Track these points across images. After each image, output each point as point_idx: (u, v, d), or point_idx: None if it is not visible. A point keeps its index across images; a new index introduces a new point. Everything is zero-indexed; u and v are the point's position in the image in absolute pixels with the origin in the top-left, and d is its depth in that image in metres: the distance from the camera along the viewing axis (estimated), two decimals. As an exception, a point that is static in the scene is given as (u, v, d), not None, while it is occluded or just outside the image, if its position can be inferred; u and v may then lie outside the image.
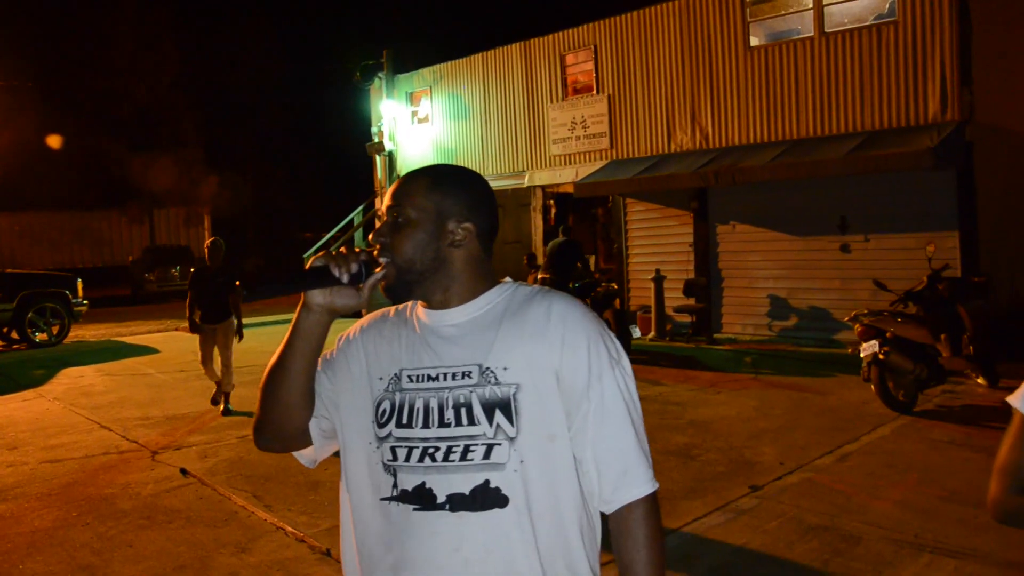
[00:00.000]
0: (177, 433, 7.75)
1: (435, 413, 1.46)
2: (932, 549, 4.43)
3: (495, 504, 1.43)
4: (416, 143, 18.08)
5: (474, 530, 1.42)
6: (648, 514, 1.48)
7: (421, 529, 1.44)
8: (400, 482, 1.47)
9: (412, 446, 1.46)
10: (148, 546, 4.95)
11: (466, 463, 1.43)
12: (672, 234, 13.19)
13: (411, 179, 1.57)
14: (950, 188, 10.34)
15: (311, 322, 1.52)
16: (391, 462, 1.48)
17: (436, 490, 1.44)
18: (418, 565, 1.44)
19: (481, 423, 1.44)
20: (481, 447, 1.43)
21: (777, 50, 11.92)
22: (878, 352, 7.39)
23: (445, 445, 1.45)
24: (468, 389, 1.46)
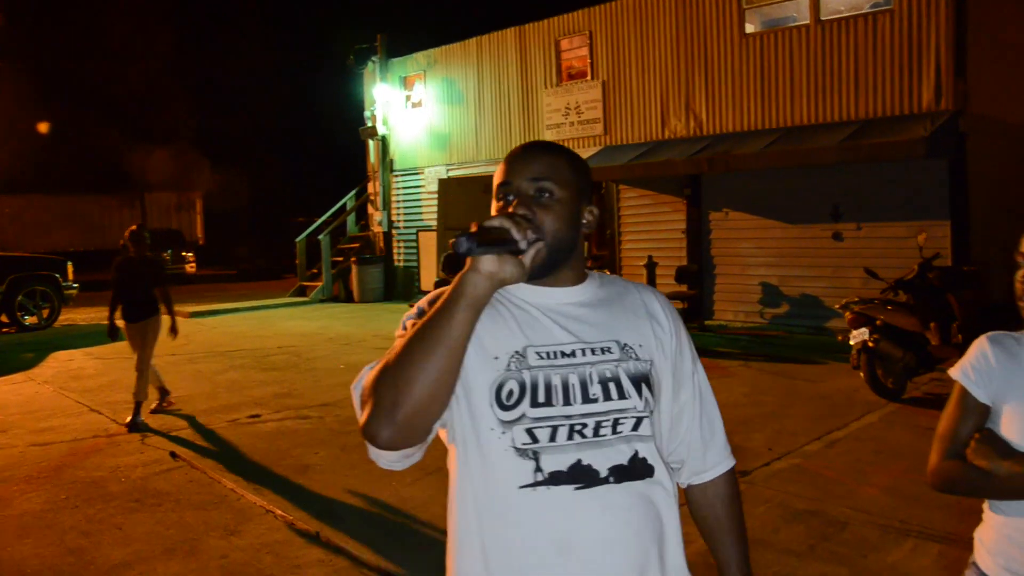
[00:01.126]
0: (167, 416, 7.73)
1: (576, 389, 1.44)
2: (917, 534, 4.46)
3: (646, 474, 1.47)
4: (410, 128, 18.01)
5: (637, 500, 1.45)
6: (736, 481, 1.71)
7: (590, 506, 1.40)
8: (546, 464, 1.40)
9: (557, 424, 1.42)
10: (137, 528, 4.95)
11: (617, 435, 1.45)
12: (665, 221, 13.19)
13: (549, 153, 1.56)
14: (943, 178, 10.35)
15: (483, 289, 1.31)
16: (528, 445, 1.41)
17: (596, 465, 1.42)
18: (590, 543, 1.40)
19: (631, 396, 1.47)
20: (631, 419, 1.46)
21: (772, 37, 11.89)
22: (868, 340, 7.42)
23: (593, 420, 1.43)
24: (613, 364, 1.48)
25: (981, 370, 1.82)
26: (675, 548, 1.52)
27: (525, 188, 1.51)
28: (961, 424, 1.82)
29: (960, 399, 1.84)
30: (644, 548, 1.45)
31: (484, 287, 1.31)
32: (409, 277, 18.10)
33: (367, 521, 4.94)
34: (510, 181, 1.52)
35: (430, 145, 17.53)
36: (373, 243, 18.90)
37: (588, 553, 1.40)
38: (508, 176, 1.53)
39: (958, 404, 1.84)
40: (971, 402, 1.82)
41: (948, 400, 1.87)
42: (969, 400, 1.83)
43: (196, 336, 13.26)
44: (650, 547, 1.46)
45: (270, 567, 4.35)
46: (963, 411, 1.83)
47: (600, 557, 1.41)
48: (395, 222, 18.58)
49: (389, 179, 18.58)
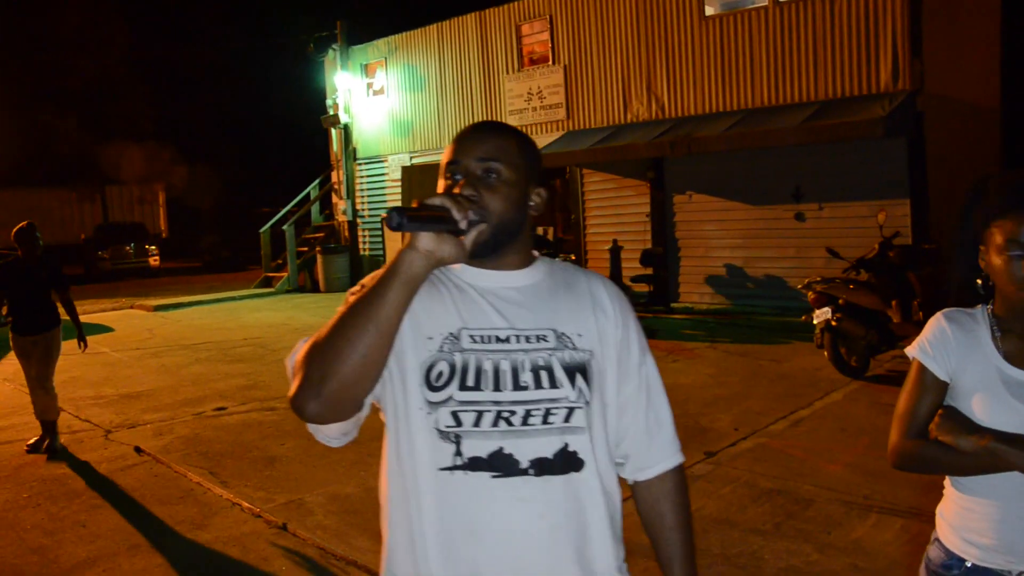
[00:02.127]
0: (131, 411, 7.64)
1: (507, 376, 1.42)
2: (879, 509, 4.53)
3: (572, 468, 1.44)
4: (372, 115, 17.87)
5: (558, 495, 1.42)
6: (684, 477, 1.65)
7: (504, 496, 1.39)
8: (466, 449, 1.39)
9: (482, 410, 1.40)
10: (101, 525, 4.89)
11: (548, 426, 1.42)
12: (629, 204, 13.23)
13: (499, 134, 1.54)
14: (901, 157, 10.48)
15: (418, 268, 1.30)
16: (451, 428, 1.39)
17: (517, 455, 1.40)
18: (502, 533, 1.39)
19: (564, 386, 1.44)
20: (563, 410, 1.44)
21: (732, 19, 11.94)
22: (830, 319, 7.51)
23: (523, 408, 1.41)
24: (547, 352, 1.46)
25: (938, 346, 1.83)
26: (601, 547, 1.47)
27: (473, 168, 1.49)
28: (920, 402, 1.83)
29: (918, 376, 1.84)
30: (559, 544, 1.42)
31: (420, 265, 1.30)
32: (375, 265, 18.00)
33: (335, 512, 4.92)
34: (458, 160, 1.50)
35: (393, 133, 17.42)
36: (338, 232, 18.77)
37: (497, 542, 1.39)
38: (456, 155, 1.51)
39: (916, 382, 1.85)
40: (929, 379, 1.83)
41: (906, 378, 1.88)
42: (927, 377, 1.83)
43: (160, 330, 13.10)
44: (567, 543, 1.43)
45: (237, 560, 4.32)
46: (922, 388, 1.83)
47: (509, 548, 1.39)
48: (359, 211, 18.46)
49: (352, 168, 18.44)
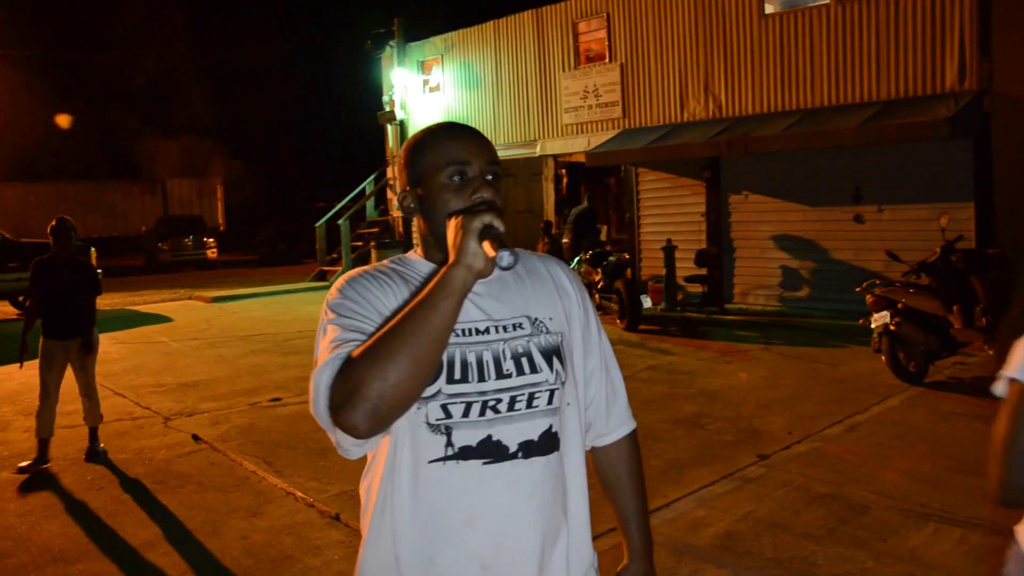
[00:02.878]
0: (189, 400, 7.81)
1: (490, 365, 1.46)
2: (938, 518, 4.44)
3: (554, 448, 1.51)
4: (428, 112, 17.99)
5: (543, 475, 1.49)
6: (637, 442, 1.77)
7: (496, 481, 1.44)
8: (456, 439, 1.43)
9: (470, 401, 1.44)
10: (161, 510, 5.01)
11: (532, 410, 1.48)
12: (684, 204, 13.12)
13: (481, 136, 1.57)
14: (966, 159, 10.22)
15: (470, 283, 1.32)
16: (441, 420, 1.43)
17: (506, 440, 1.45)
18: (494, 517, 1.45)
19: (543, 370, 1.50)
20: (545, 393, 1.50)
21: (792, 17, 11.76)
22: (889, 323, 7.36)
23: (508, 396, 1.46)
24: (525, 339, 1.51)
25: None
26: (581, 517, 1.57)
27: (484, 171, 1.51)
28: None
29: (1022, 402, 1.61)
30: (549, 522, 1.49)
31: (470, 281, 1.32)
32: (428, 262, 18.12)
33: (387, 503, 4.96)
34: (468, 161, 1.50)
35: (448, 129, 17.49)
36: (392, 227, 18.94)
37: (493, 526, 1.44)
38: (466, 155, 1.51)
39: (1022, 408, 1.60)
40: None
41: (1004, 404, 1.66)
42: None
43: (217, 321, 13.37)
44: (553, 520, 1.50)
45: (291, 548, 4.40)
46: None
47: (504, 530, 1.45)
48: (414, 207, 18.57)
49: (408, 164, 18.56)
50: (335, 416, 1.30)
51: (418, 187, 1.54)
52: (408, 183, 1.57)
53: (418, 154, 1.55)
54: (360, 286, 1.48)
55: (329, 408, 1.31)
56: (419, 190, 1.54)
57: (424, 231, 1.57)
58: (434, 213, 1.51)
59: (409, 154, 1.58)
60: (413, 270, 1.57)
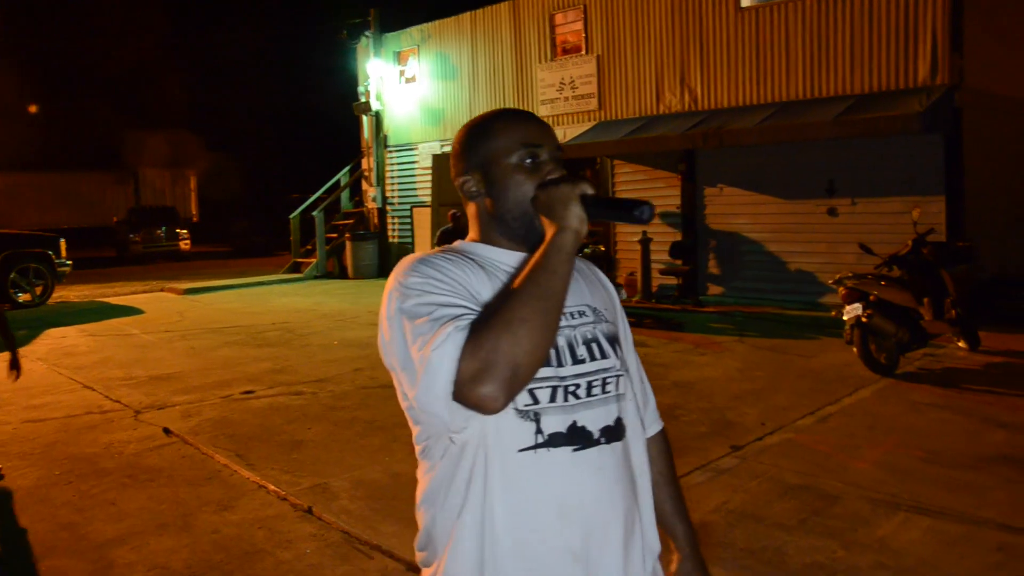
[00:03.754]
0: (160, 393, 7.73)
1: (566, 351, 1.46)
2: (908, 508, 4.48)
3: (623, 433, 1.52)
4: (403, 103, 17.90)
5: (621, 459, 1.50)
6: (668, 441, 1.80)
7: (586, 467, 1.43)
8: (546, 426, 1.41)
9: (554, 386, 1.42)
10: (130, 504, 4.95)
11: (606, 395, 1.49)
12: (659, 196, 13.13)
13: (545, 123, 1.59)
14: (937, 153, 10.31)
15: (576, 246, 1.37)
16: (530, 406, 1.40)
17: (589, 426, 1.45)
18: (585, 505, 1.43)
19: (611, 356, 1.52)
20: (614, 378, 1.51)
21: (768, 11, 11.80)
22: (861, 315, 7.42)
23: (584, 381, 1.46)
24: (591, 326, 1.52)
25: None
26: (648, 504, 1.58)
27: (554, 155, 1.54)
28: None
29: None
30: (629, 506, 1.49)
31: (577, 245, 1.37)
32: (403, 253, 17.98)
33: (360, 497, 4.95)
34: (542, 144, 1.52)
35: (424, 120, 17.44)
36: (367, 219, 18.84)
37: (585, 514, 1.42)
38: (538, 139, 1.52)
39: None
40: None
41: None
42: None
43: (190, 313, 13.24)
44: (632, 504, 1.51)
45: (262, 542, 4.36)
46: None
47: (595, 517, 1.43)
48: (389, 198, 18.51)
49: (383, 155, 18.49)
50: (466, 389, 1.25)
51: (484, 171, 1.54)
52: (467, 168, 1.56)
53: (484, 138, 1.54)
54: (437, 266, 1.44)
55: (457, 383, 1.26)
56: (486, 174, 1.53)
57: (491, 214, 1.54)
58: (508, 195, 1.51)
59: (471, 138, 1.56)
60: (477, 255, 1.53)
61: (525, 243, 1.52)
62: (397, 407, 1.49)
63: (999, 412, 6.24)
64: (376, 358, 9.01)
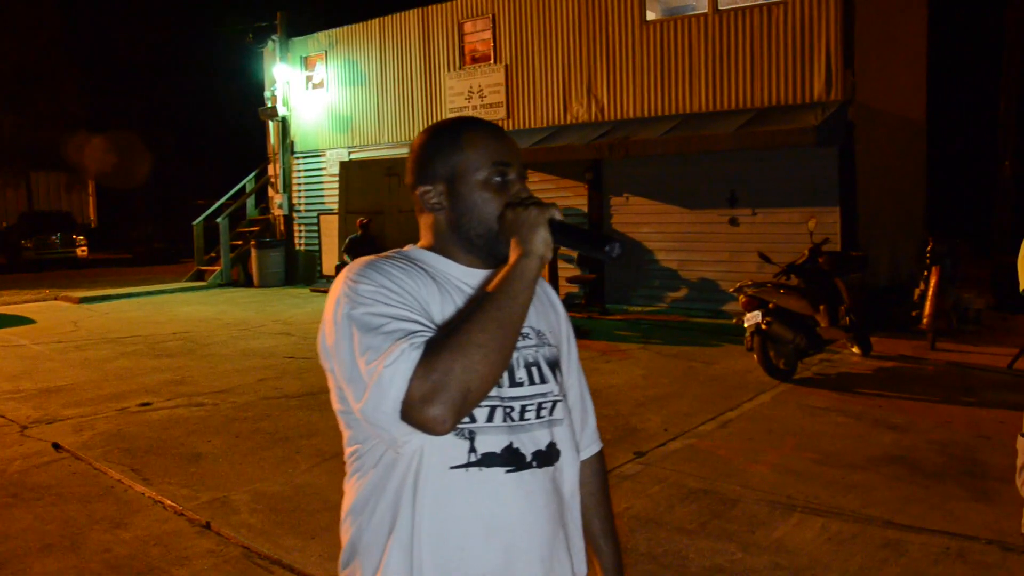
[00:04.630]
0: (50, 406, 7.39)
1: (505, 373, 1.43)
2: (802, 509, 4.62)
3: (556, 458, 1.50)
4: (311, 109, 17.64)
5: (550, 484, 1.48)
6: (604, 462, 1.78)
7: (517, 491, 1.42)
8: (480, 445, 1.39)
9: (493, 406, 1.40)
10: (13, 525, 4.71)
11: (540, 420, 1.48)
12: (567, 205, 13.28)
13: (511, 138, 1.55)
14: (832, 165, 10.74)
15: (539, 273, 1.36)
16: (465, 424, 1.38)
17: (523, 449, 1.44)
18: (515, 527, 1.42)
19: (550, 381, 1.51)
20: (550, 403, 1.50)
21: (672, 25, 12.08)
22: (761, 322, 7.64)
23: (519, 404, 1.45)
24: (533, 349, 1.50)
25: None
26: (576, 529, 1.57)
27: (521, 175, 1.51)
28: None
29: None
30: (555, 530, 1.49)
31: (540, 271, 1.35)
32: (311, 261, 17.78)
33: (261, 510, 4.82)
34: (511, 163, 1.49)
35: (332, 127, 17.22)
36: (274, 226, 18.47)
37: (510, 537, 1.41)
38: (508, 157, 1.49)
39: None
40: None
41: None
42: None
43: (85, 322, 12.72)
44: (558, 530, 1.50)
45: (157, 559, 4.20)
46: None
47: (520, 541, 1.43)
48: (296, 205, 18.20)
49: (290, 161, 18.17)
50: (414, 410, 1.23)
51: (447, 183, 1.48)
52: (429, 178, 1.50)
53: (452, 149, 1.49)
54: (389, 275, 1.40)
55: (406, 402, 1.23)
56: (451, 187, 1.48)
57: (452, 227, 1.49)
58: (473, 212, 1.46)
59: (437, 147, 1.50)
60: (429, 265, 1.49)
61: (485, 261, 1.49)
62: (301, 418, 1.47)
63: (888, 414, 6.51)
64: (281, 367, 8.83)
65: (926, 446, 5.72)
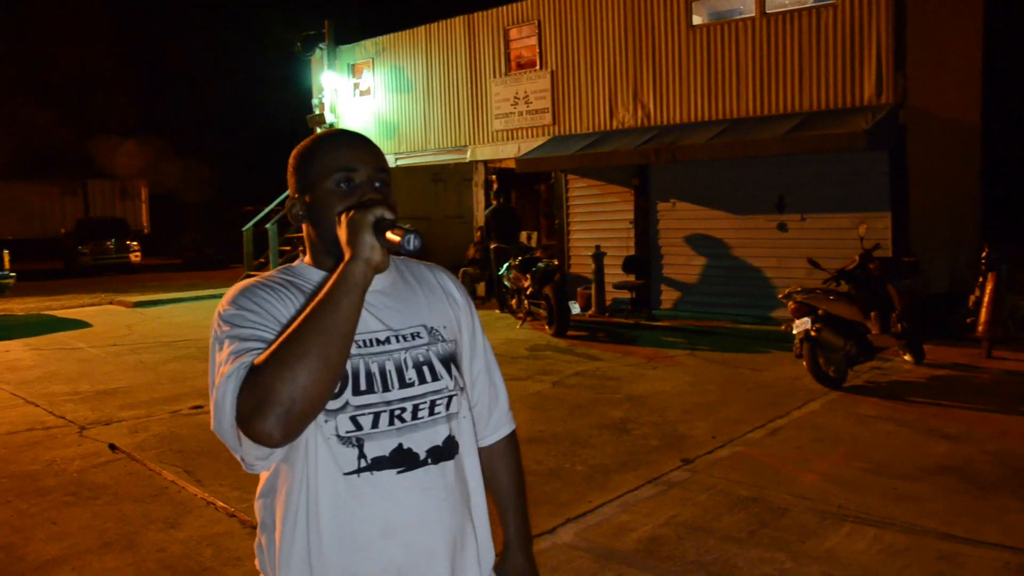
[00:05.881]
0: (107, 408, 7.57)
1: (393, 375, 1.47)
2: (853, 519, 4.55)
3: (455, 452, 1.55)
4: (358, 116, 17.83)
5: (450, 479, 1.52)
6: (516, 441, 1.83)
7: (411, 489, 1.46)
8: (369, 450, 1.43)
9: (378, 411, 1.44)
10: (72, 523, 4.83)
11: (435, 416, 1.51)
12: (613, 211, 13.25)
13: (370, 143, 1.57)
14: (883, 170, 10.55)
15: (368, 277, 1.34)
16: (352, 432, 1.43)
17: (416, 448, 1.47)
18: (410, 524, 1.46)
19: (443, 377, 1.54)
20: (444, 399, 1.54)
21: (719, 29, 12.00)
22: (810, 329, 7.54)
23: (411, 404, 1.48)
24: (424, 348, 1.54)
25: None
26: (482, 518, 1.61)
27: (373, 177, 1.52)
28: None
29: None
30: (458, 524, 1.53)
31: (369, 276, 1.34)
32: (358, 267, 17.94)
33: (310, 512, 4.88)
34: (356, 168, 1.51)
35: (378, 134, 17.38)
36: (321, 232, 18.67)
37: (409, 534, 1.46)
38: (353, 162, 1.51)
39: None
40: None
41: None
42: None
43: (139, 326, 13.00)
44: (463, 522, 1.55)
45: (210, 559, 4.28)
46: None
47: (420, 537, 1.47)
48: (344, 211, 18.36)
49: (338, 168, 18.35)
50: (245, 427, 1.27)
51: (306, 194, 1.54)
52: (296, 190, 1.57)
53: (306, 161, 1.54)
54: (254, 296, 1.46)
55: (237, 419, 1.28)
56: (307, 197, 1.54)
57: (313, 238, 1.56)
58: (322, 219, 1.51)
59: (297, 161, 1.57)
60: (304, 278, 1.55)
61: None
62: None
63: (942, 424, 6.38)
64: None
65: (982, 457, 5.60)
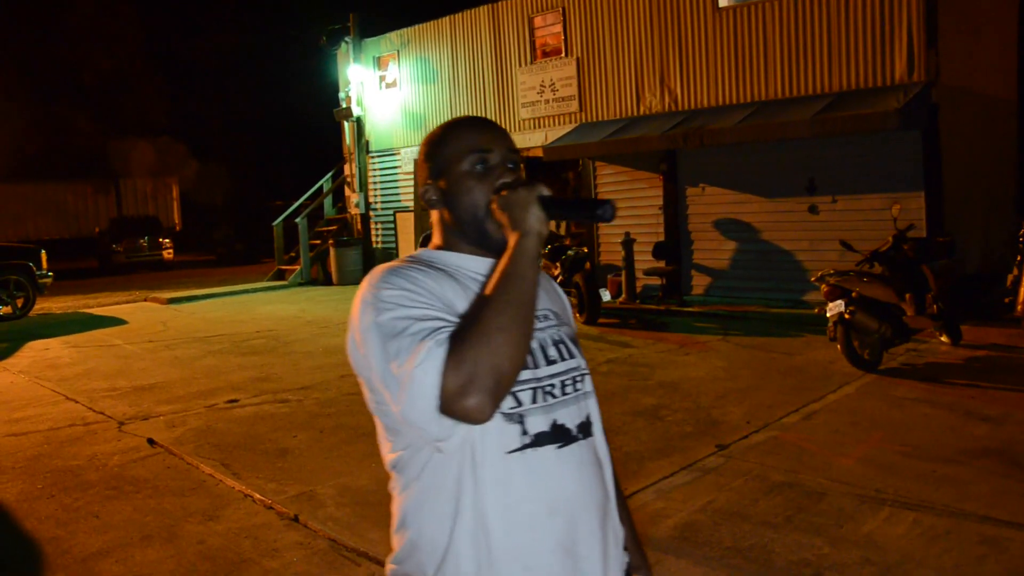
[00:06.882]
0: (144, 403, 7.68)
1: (539, 353, 1.49)
2: (892, 503, 4.51)
3: (592, 428, 1.56)
4: (384, 108, 17.88)
5: (594, 455, 1.54)
6: None
7: (569, 464, 1.47)
8: (530, 426, 1.44)
9: (534, 387, 1.46)
10: (114, 516, 4.92)
11: (577, 393, 1.54)
12: (642, 197, 13.18)
13: (499, 126, 1.60)
14: (916, 149, 10.38)
15: (539, 249, 1.40)
16: (515, 408, 1.42)
17: (568, 424, 1.49)
18: (571, 500, 1.47)
19: (576, 356, 1.57)
20: (582, 376, 1.56)
21: (746, 11, 11.86)
22: (844, 312, 7.46)
23: (559, 380, 1.50)
24: (555, 328, 1.57)
25: None
26: (613, 492, 1.62)
27: (506, 159, 1.54)
28: None
29: None
30: (603, 498, 1.54)
31: (540, 248, 1.39)
32: (387, 258, 17.99)
33: (347, 504, 4.93)
34: (491, 149, 1.53)
35: (405, 125, 17.42)
36: (351, 225, 18.79)
37: (570, 510, 1.46)
38: (487, 143, 1.53)
39: None
40: None
41: None
42: None
43: (174, 322, 13.17)
44: (604, 494, 1.56)
45: (248, 551, 4.34)
46: None
47: (579, 513, 1.47)
48: (372, 203, 18.48)
49: (365, 160, 18.45)
50: (454, 404, 1.25)
51: (440, 179, 1.56)
52: (429, 177, 1.58)
53: (438, 147, 1.57)
54: (410, 278, 1.44)
55: (443, 397, 1.26)
56: (441, 182, 1.55)
57: (448, 221, 1.57)
58: (459, 202, 1.53)
59: (428, 148, 1.59)
60: (441, 263, 1.54)
61: (482, 248, 1.54)
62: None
63: (981, 406, 6.29)
64: (361, 364, 8.99)
65: (1023, 439, 5.51)
